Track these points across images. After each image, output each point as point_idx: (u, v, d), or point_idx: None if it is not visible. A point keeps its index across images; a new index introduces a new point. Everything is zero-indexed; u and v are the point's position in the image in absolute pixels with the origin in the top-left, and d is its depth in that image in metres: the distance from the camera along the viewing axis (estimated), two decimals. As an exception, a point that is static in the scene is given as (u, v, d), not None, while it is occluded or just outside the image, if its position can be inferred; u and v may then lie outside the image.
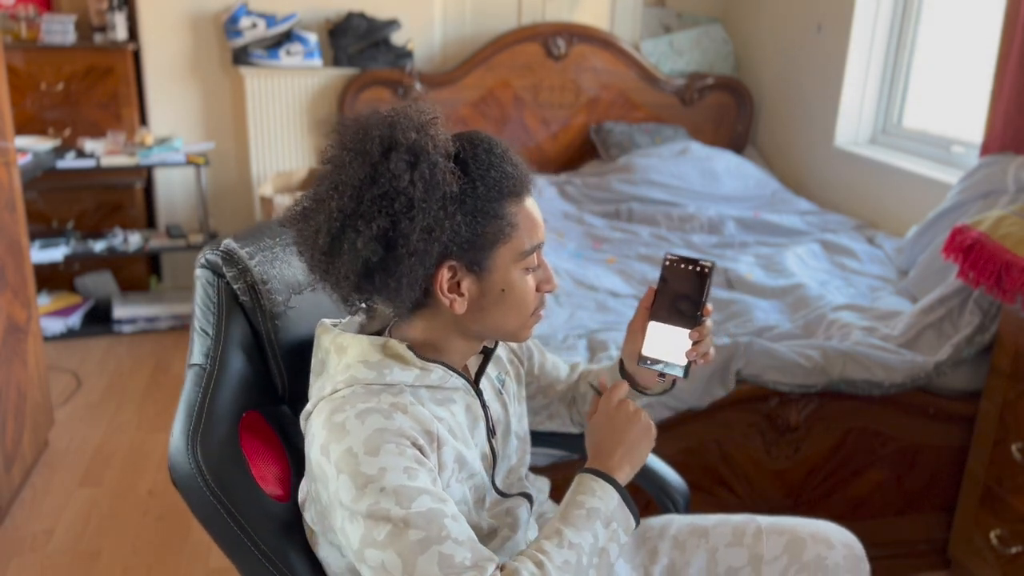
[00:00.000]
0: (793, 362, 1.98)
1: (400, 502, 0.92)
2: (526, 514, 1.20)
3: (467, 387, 1.11)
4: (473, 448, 1.10)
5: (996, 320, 2.05)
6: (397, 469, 0.94)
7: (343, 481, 0.94)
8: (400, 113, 0.99)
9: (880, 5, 3.29)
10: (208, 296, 1.14)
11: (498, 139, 1.05)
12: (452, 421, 1.07)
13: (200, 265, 1.16)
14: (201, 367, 1.11)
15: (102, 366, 3.31)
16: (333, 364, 1.06)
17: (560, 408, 1.37)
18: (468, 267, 1.01)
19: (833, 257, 2.90)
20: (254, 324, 1.16)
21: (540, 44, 3.84)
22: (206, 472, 1.03)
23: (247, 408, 1.13)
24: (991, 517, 2.02)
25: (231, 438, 1.09)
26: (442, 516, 0.93)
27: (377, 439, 0.95)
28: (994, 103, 2.50)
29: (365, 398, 0.99)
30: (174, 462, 1.05)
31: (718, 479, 2.05)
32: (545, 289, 1.09)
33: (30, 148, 3.17)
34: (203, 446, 1.05)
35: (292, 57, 3.63)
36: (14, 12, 3.49)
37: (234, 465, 1.07)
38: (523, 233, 1.03)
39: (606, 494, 1.06)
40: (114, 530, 2.33)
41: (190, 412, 1.07)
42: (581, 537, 1.01)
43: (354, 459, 0.94)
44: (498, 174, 1.00)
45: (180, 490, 1.05)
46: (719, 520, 1.30)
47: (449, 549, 0.92)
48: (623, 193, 3.42)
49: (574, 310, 2.42)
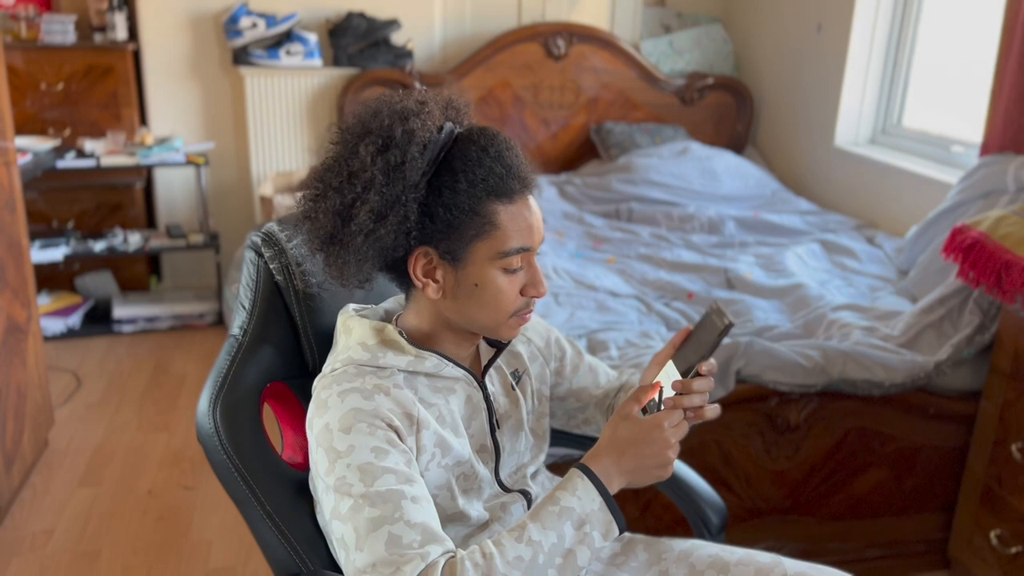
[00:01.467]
0: (793, 362, 1.98)
1: (363, 479, 0.97)
2: (520, 511, 1.20)
3: (468, 378, 1.14)
4: (464, 437, 1.12)
5: (996, 320, 2.05)
6: (365, 448, 0.99)
7: (320, 454, 1.01)
8: (388, 102, 1.05)
9: (880, 5, 3.29)
10: (250, 274, 1.23)
11: (503, 139, 1.06)
12: (444, 408, 1.11)
13: (247, 246, 1.24)
14: (235, 338, 1.20)
15: (102, 366, 3.31)
16: (341, 344, 1.11)
17: (596, 414, 1.34)
18: (442, 256, 1.06)
19: (833, 257, 2.90)
20: (287, 302, 1.23)
21: (540, 44, 3.84)
22: (222, 432, 1.12)
23: (273, 379, 1.22)
24: (991, 517, 2.02)
25: (251, 404, 1.17)
26: (401, 497, 0.97)
27: (351, 418, 1.01)
28: (994, 103, 2.50)
29: (352, 378, 1.05)
30: (199, 421, 1.15)
31: (718, 479, 2.05)
32: (530, 293, 1.09)
33: (30, 148, 3.17)
34: (223, 409, 1.14)
35: (292, 57, 3.63)
36: (14, 12, 3.49)
37: (250, 428, 1.16)
38: (505, 234, 1.04)
39: (587, 495, 1.01)
40: (114, 530, 2.33)
41: (217, 377, 1.17)
42: (543, 535, 0.98)
43: (329, 434, 1.01)
44: (484, 172, 1.03)
45: (202, 446, 1.14)
46: (744, 556, 1.21)
47: (399, 530, 0.94)
48: (623, 193, 3.42)
49: (574, 310, 2.42)
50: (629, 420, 1.06)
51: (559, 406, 1.34)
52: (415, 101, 1.05)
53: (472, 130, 1.07)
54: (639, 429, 1.04)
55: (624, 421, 1.06)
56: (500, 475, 1.17)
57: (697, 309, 2.45)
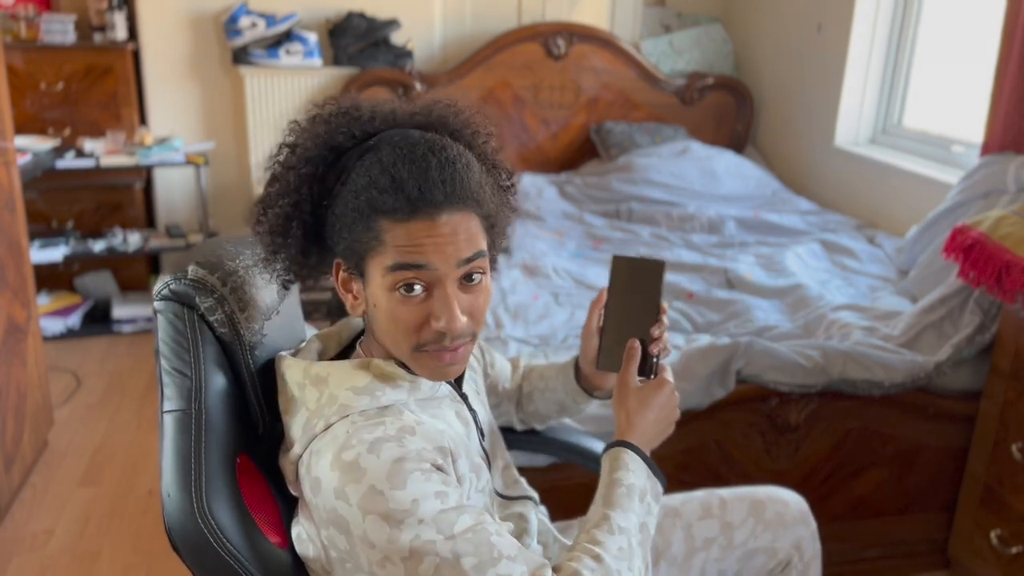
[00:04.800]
0: (793, 362, 1.98)
1: (442, 529, 0.89)
2: (534, 518, 1.19)
3: (452, 393, 1.10)
4: (476, 455, 1.08)
5: (996, 320, 2.05)
6: (429, 497, 0.90)
7: (372, 523, 0.88)
8: (325, 106, 1.03)
9: (880, 5, 3.29)
10: (178, 331, 1.02)
11: (418, 152, 0.94)
12: (451, 432, 1.03)
13: (163, 297, 1.04)
14: (184, 412, 0.99)
15: (102, 366, 3.31)
16: (312, 398, 0.99)
17: (508, 407, 1.37)
18: (349, 269, 1.00)
19: (833, 257, 2.89)
20: (232, 358, 1.06)
21: (540, 44, 3.83)
22: (219, 530, 0.94)
23: (239, 452, 1.04)
24: (991, 517, 2.02)
25: (233, 488, 0.99)
26: (488, 535, 0.91)
27: (399, 470, 0.90)
28: (994, 103, 2.50)
29: (370, 428, 0.94)
30: (177, 523, 0.94)
31: (718, 479, 2.05)
32: (435, 325, 0.96)
33: (30, 148, 3.16)
34: (209, 501, 0.95)
35: (292, 57, 3.63)
36: (14, 12, 3.49)
37: (244, 518, 0.98)
38: (389, 249, 0.94)
39: (638, 468, 1.07)
40: (114, 530, 2.33)
41: (184, 464, 0.96)
42: (627, 519, 1.02)
43: (380, 497, 0.88)
44: (367, 183, 0.94)
45: (186, 553, 0.95)
46: (685, 498, 1.37)
47: (505, 569, 0.90)
48: (623, 193, 3.42)
49: (574, 310, 2.42)
50: (642, 391, 1.12)
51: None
52: (343, 102, 1.02)
53: (395, 139, 0.97)
54: (653, 395, 1.12)
55: (637, 393, 1.12)
56: (493, 483, 1.15)
57: (698, 309, 2.45)
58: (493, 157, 1.08)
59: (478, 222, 0.97)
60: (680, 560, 1.31)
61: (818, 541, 1.38)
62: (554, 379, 1.32)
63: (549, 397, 1.33)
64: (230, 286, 1.05)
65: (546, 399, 1.34)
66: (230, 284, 1.06)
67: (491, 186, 1.02)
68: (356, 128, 1.00)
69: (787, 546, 1.34)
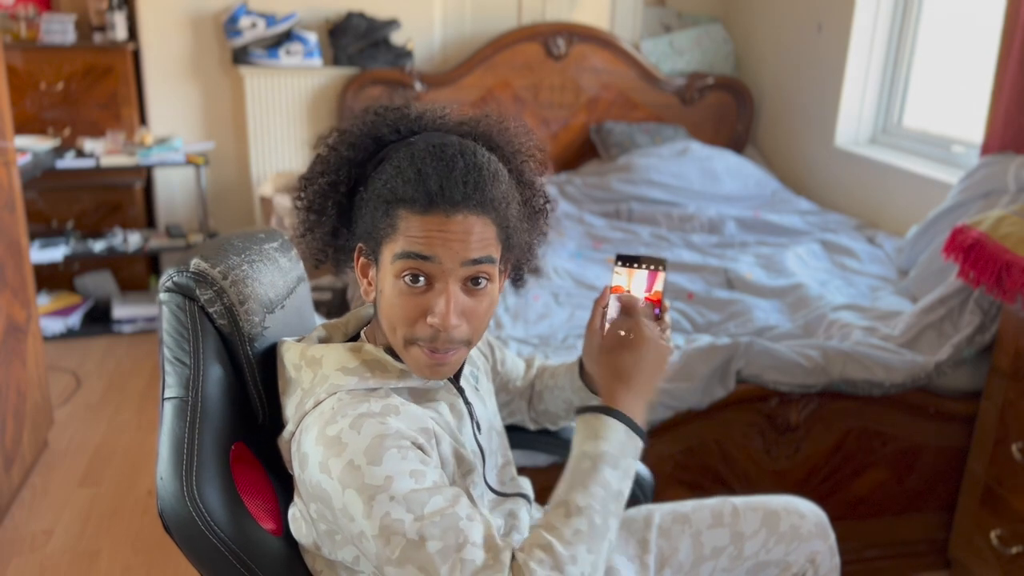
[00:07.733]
0: (793, 362, 1.98)
1: (412, 508, 0.90)
2: (526, 516, 1.19)
3: (448, 385, 1.11)
4: (466, 446, 1.09)
5: (996, 320, 2.05)
6: (403, 475, 0.91)
7: (350, 496, 0.91)
8: (376, 104, 1.09)
9: (880, 5, 3.29)
10: (180, 322, 1.07)
11: (449, 153, 0.97)
12: (441, 420, 1.05)
13: (167, 289, 1.09)
14: (182, 399, 1.03)
15: (102, 366, 3.31)
16: (307, 379, 1.03)
17: (521, 404, 1.38)
18: (368, 254, 1.04)
19: (833, 257, 2.90)
20: (232, 349, 1.09)
21: (540, 44, 3.84)
22: (207, 515, 0.96)
23: (234, 440, 1.07)
24: (991, 517, 2.02)
25: (226, 475, 1.02)
26: (457, 520, 0.91)
27: (377, 446, 0.92)
28: (994, 103, 2.50)
29: (354, 405, 0.97)
30: (169, 506, 0.97)
31: (718, 479, 2.05)
32: (429, 320, 0.97)
33: (30, 148, 3.16)
34: (200, 486, 0.97)
35: (292, 57, 3.63)
36: (14, 12, 3.49)
37: (235, 504, 1.01)
38: (401, 237, 0.97)
39: (610, 431, 1.01)
40: (114, 530, 2.33)
41: (178, 450, 0.99)
42: (589, 496, 0.97)
43: (357, 472, 0.91)
44: (394, 173, 0.98)
45: (177, 537, 0.97)
46: (696, 505, 1.34)
47: (469, 555, 0.90)
48: (623, 193, 3.42)
49: (574, 310, 2.42)
50: (614, 351, 1.08)
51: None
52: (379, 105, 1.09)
53: (432, 139, 1.01)
54: (631, 351, 1.07)
55: (611, 351, 1.08)
56: (487, 479, 1.15)
57: (698, 309, 2.45)
58: (530, 177, 1.10)
59: (494, 230, 0.99)
60: (687, 568, 1.29)
61: (837, 556, 1.34)
62: (563, 377, 1.32)
63: (558, 396, 1.33)
64: (231, 279, 1.09)
65: (555, 397, 1.34)
66: (231, 277, 1.09)
67: (518, 202, 1.04)
68: (402, 124, 1.05)
69: (801, 560, 1.30)
